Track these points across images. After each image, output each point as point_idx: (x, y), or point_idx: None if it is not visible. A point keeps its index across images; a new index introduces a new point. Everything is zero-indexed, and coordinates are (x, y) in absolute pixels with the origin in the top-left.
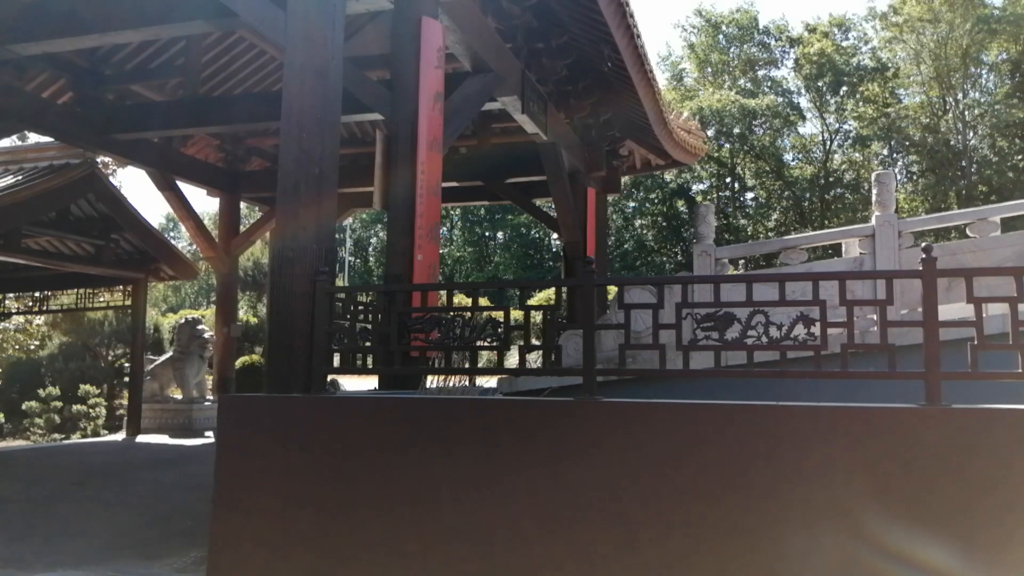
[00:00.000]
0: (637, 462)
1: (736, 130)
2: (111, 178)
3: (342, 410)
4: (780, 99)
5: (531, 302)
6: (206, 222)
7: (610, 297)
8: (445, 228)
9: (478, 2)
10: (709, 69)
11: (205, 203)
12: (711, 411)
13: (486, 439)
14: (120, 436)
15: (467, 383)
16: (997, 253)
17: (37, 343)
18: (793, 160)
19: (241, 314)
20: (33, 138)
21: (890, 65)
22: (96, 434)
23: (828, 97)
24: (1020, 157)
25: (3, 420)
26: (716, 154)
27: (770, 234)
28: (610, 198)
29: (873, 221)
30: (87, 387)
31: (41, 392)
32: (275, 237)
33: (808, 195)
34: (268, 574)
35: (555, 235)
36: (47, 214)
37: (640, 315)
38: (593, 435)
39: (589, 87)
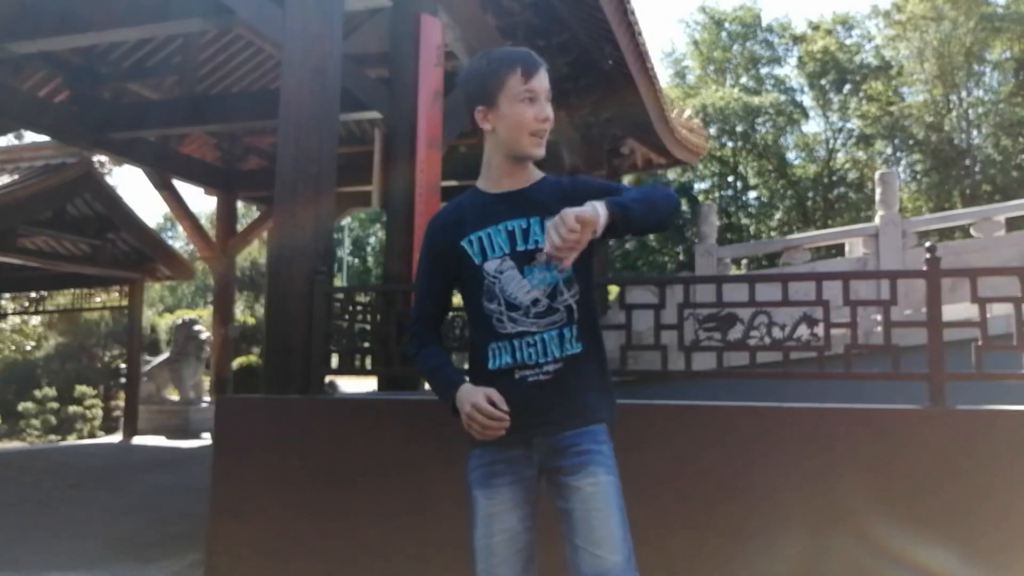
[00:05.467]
0: (638, 464)
1: (739, 128)
2: (107, 177)
3: (340, 412)
4: (783, 97)
5: None
6: (203, 221)
7: (611, 297)
8: None
9: None
10: (712, 67)
11: (202, 202)
12: (713, 412)
13: None
14: (117, 438)
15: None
16: (1002, 253)
17: (33, 344)
18: (796, 159)
19: (238, 314)
20: (29, 137)
21: (893, 63)
22: (92, 435)
23: (831, 95)
24: None
25: None
26: (718, 153)
27: (773, 233)
28: None
29: (877, 220)
30: (83, 388)
31: (37, 393)
32: (272, 237)
33: (811, 194)
34: None
35: None
36: (43, 214)
37: (641, 315)
38: None
39: (590, 85)
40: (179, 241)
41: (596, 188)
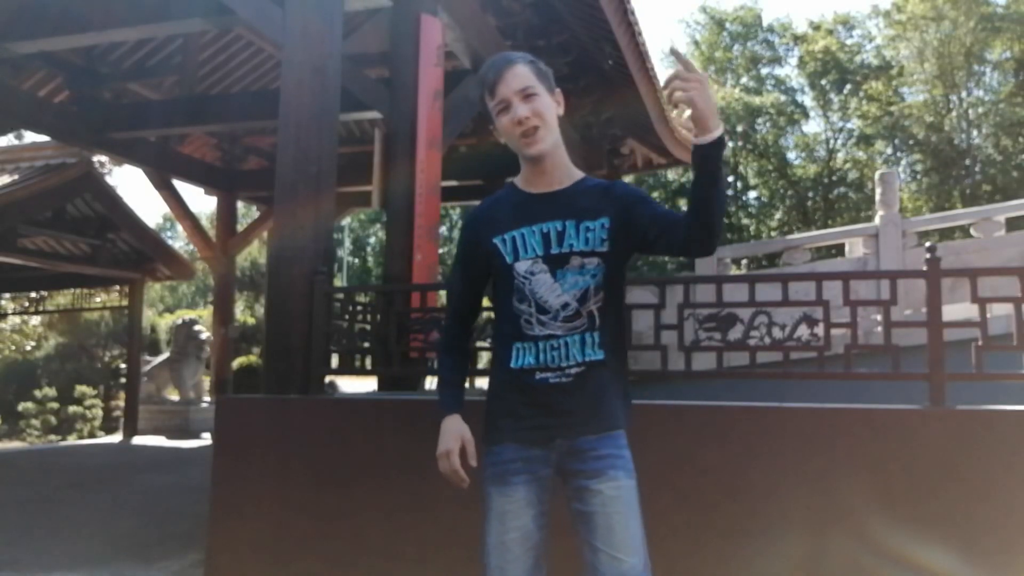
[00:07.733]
0: (637, 464)
1: (739, 128)
2: (107, 177)
3: (340, 412)
4: (784, 97)
5: None
6: (203, 221)
7: None
8: (445, 228)
9: None
10: (713, 67)
11: (202, 202)
12: (713, 412)
13: None
14: (117, 438)
15: (466, 385)
16: (1002, 253)
17: (33, 344)
18: (796, 159)
19: (239, 314)
20: (29, 137)
21: (894, 63)
22: (92, 435)
23: (832, 95)
24: None
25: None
26: None
27: (773, 233)
28: None
29: (877, 221)
30: (83, 388)
31: (37, 393)
32: (273, 237)
33: (812, 194)
34: None
35: None
36: (43, 214)
37: (642, 315)
38: None
39: (590, 85)
40: (179, 241)
41: (636, 195)
